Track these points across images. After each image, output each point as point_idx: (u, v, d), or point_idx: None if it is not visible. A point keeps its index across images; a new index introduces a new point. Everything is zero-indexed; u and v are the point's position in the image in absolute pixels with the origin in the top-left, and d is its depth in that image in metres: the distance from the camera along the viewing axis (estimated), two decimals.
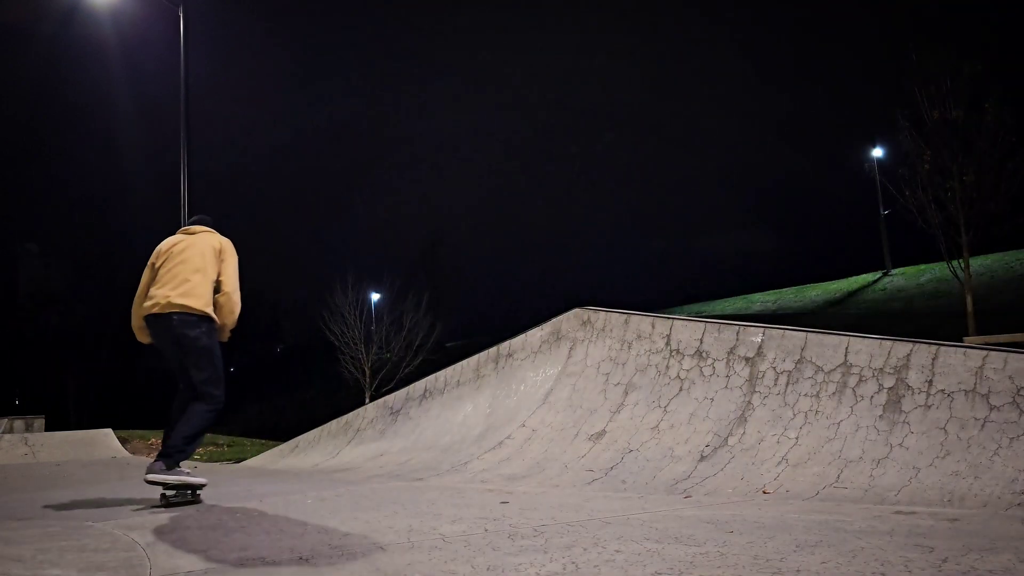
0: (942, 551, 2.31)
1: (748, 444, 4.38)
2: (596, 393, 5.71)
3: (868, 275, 35.28)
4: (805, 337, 4.62)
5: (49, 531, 3.25)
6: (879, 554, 2.30)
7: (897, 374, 4.04)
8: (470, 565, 2.35)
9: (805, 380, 4.46)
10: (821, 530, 2.72)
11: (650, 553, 2.42)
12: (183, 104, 13.21)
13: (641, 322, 5.80)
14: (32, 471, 7.97)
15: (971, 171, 17.85)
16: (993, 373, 3.66)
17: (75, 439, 11.14)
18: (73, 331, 39.98)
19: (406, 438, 7.24)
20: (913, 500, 3.38)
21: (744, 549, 2.44)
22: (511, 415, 6.23)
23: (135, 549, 2.78)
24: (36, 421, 17.07)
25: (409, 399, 7.88)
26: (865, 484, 3.65)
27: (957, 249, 18.63)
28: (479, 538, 2.78)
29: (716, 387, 4.92)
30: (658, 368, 5.42)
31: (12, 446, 10.22)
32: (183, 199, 13.02)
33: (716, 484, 4.12)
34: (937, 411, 3.76)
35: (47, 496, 5.07)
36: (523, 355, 6.83)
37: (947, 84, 18.31)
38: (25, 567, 2.48)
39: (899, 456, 3.72)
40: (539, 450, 5.45)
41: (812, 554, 2.33)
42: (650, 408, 5.19)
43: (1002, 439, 3.45)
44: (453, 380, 7.47)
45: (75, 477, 7.08)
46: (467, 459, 5.79)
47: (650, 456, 4.74)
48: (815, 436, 4.14)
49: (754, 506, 3.45)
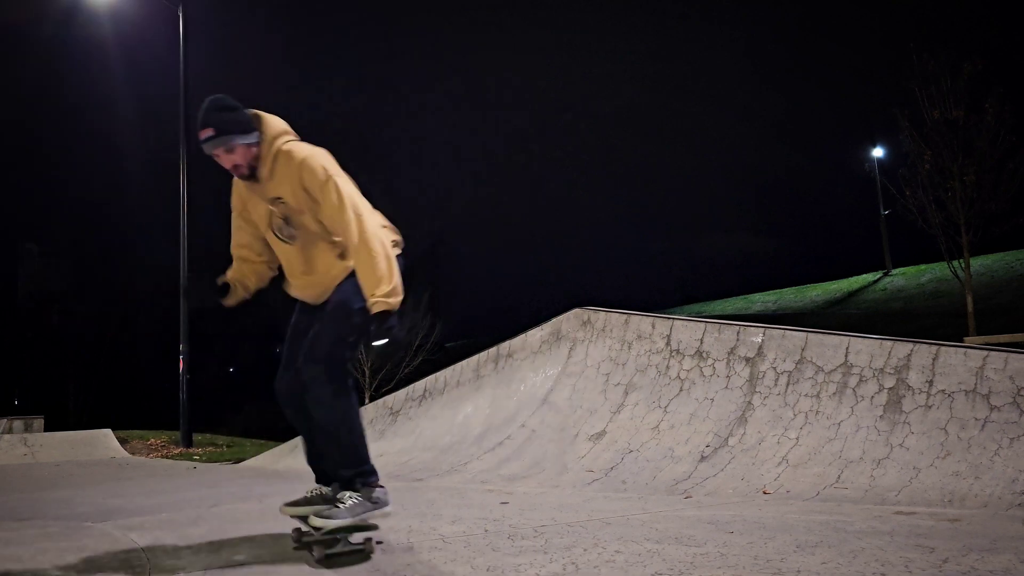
0: (942, 551, 2.30)
1: (748, 444, 4.38)
2: (596, 393, 5.70)
3: (868, 275, 35.29)
4: (805, 337, 4.62)
5: (49, 531, 3.25)
6: (879, 554, 2.29)
7: (897, 374, 4.03)
8: (470, 565, 2.34)
9: (805, 380, 4.46)
10: (821, 530, 2.71)
11: (650, 553, 2.42)
12: (183, 104, 13.21)
13: (641, 322, 5.80)
14: (32, 471, 7.97)
15: (971, 171, 17.84)
16: (993, 373, 3.66)
17: (75, 439, 11.15)
18: (73, 331, 39.95)
19: (406, 438, 7.23)
20: (913, 500, 3.38)
21: (744, 549, 2.43)
22: (511, 415, 6.23)
23: (135, 549, 2.78)
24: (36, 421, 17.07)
25: (409, 399, 7.88)
26: (865, 484, 3.64)
27: (957, 249, 18.62)
28: (479, 538, 2.78)
29: (716, 387, 4.92)
30: (658, 368, 5.41)
31: (12, 446, 10.23)
32: (183, 199, 13.02)
33: (716, 484, 4.12)
34: (937, 411, 3.76)
35: (47, 496, 5.07)
36: (523, 355, 6.82)
37: (947, 84, 18.30)
38: (25, 567, 2.48)
39: (899, 456, 3.71)
40: (539, 450, 5.44)
41: (812, 554, 2.32)
42: (650, 408, 5.19)
43: (1002, 439, 3.45)
44: (453, 380, 7.46)
45: (75, 477, 7.08)
46: (467, 459, 5.79)
47: (650, 456, 4.74)
48: (815, 436, 4.14)
49: (754, 506, 3.45)
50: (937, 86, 18.44)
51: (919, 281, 31.26)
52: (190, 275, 4.18)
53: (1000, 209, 17.79)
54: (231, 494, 4.79)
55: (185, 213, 12.91)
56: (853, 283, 35.10)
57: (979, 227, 18.19)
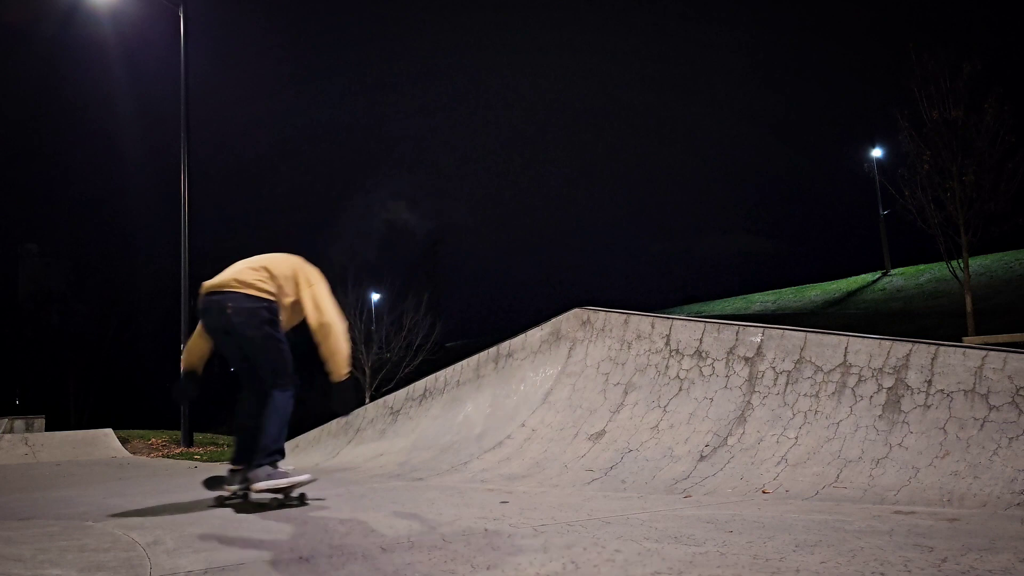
0: (941, 551, 2.31)
1: (747, 444, 4.39)
2: (596, 393, 5.71)
3: (867, 275, 35.33)
4: (804, 337, 4.62)
5: (49, 531, 3.25)
6: (878, 554, 2.30)
7: (896, 374, 4.04)
8: (470, 565, 2.35)
9: (804, 380, 4.46)
10: (820, 530, 2.72)
11: (650, 552, 2.42)
12: (183, 104, 13.21)
13: (641, 322, 5.80)
14: (32, 471, 7.97)
15: (970, 171, 17.87)
16: (992, 373, 3.67)
17: (75, 439, 11.15)
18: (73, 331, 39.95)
19: (406, 438, 7.24)
20: (912, 500, 3.39)
21: (744, 549, 2.44)
22: (511, 415, 6.24)
23: (135, 549, 2.78)
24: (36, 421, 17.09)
25: (409, 399, 7.89)
26: (864, 484, 3.65)
27: (956, 249, 18.65)
28: (479, 538, 2.79)
29: (715, 387, 4.93)
30: (658, 368, 5.42)
31: (12, 446, 10.23)
32: (183, 199, 13.02)
33: (716, 484, 4.13)
34: (936, 411, 3.77)
35: (47, 496, 5.08)
36: (523, 355, 6.83)
37: (947, 84, 18.33)
38: (25, 567, 2.49)
39: (898, 456, 3.72)
40: (539, 450, 5.45)
41: (811, 554, 2.33)
42: (650, 408, 5.20)
43: (1001, 439, 3.45)
44: (453, 380, 7.47)
45: (76, 477, 7.09)
46: (467, 459, 5.80)
47: (650, 456, 4.74)
48: (814, 436, 4.15)
49: (753, 506, 3.46)
50: (936, 86, 18.47)
51: (918, 281, 31.30)
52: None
53: (999, 209, 17.83)
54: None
55: (186, 213, 12.91)
56: (852, 283, 35.14)
57: (978, 227, 18.22)
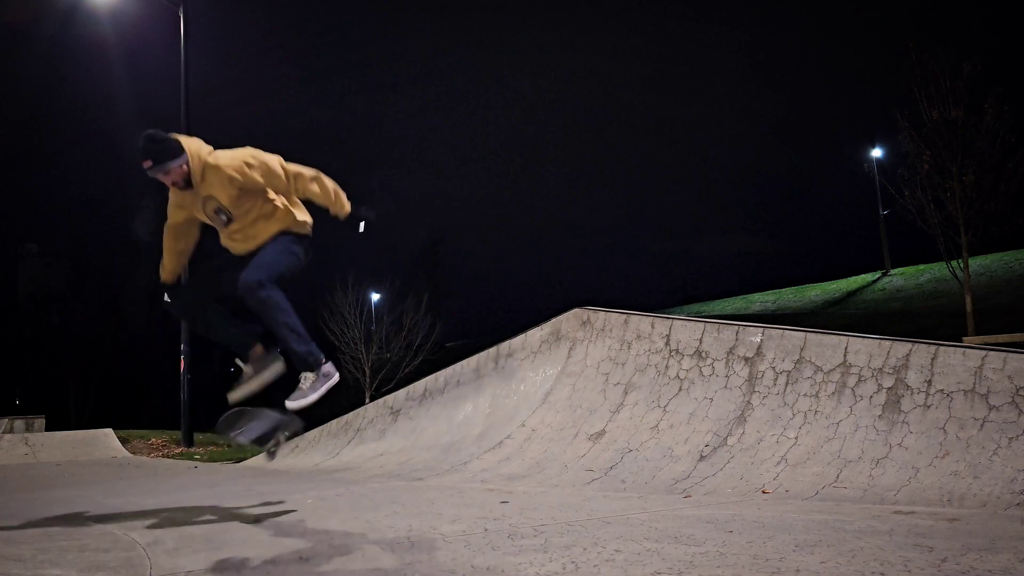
0: (941, 551, 2.31)
1: (747, 444, 4.39)
2: (596, 393, 5.71)
3: (867, 275, 35.33)
4: (804, 337, 4.62)
5: (49, 531, 3.25)
6: (878, 554, 2.30)
7: (896, 374, 4.04)
8: (470, 565, 2.35)
9: (804, 380, 4.46)
10: (820, 530, 2.72)
11: (650, 553, 2.43)
12: (183, 104, 13.21)
13: (641, 322, 5.80)
14: (32, 471, 7.97)
15: (970, 171, 17.87)
16: (992, 373, 3.67)
17: (75, 439, 11.15)
18: (73, 331, 39.93)
19: (406, 438, 7.24)
20: (912, 500, 3.39)
21: (743, 549, 2.44)
22: (511, 415, 6.24)
23: (135, 549, 2.79)
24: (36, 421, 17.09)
25: (409, 399, 7.88)
26: (864, 484, 3.65)
27: (956, 249, 18.64)
28: (479, 538, 2.79)
29: (715, 387, 4.93)
30: (657, 368, 5.42)
31: (12, 446, 10.23)
32: None
33: (715, 484, 4.13)
34: (936, 411, 3.77)
35: (47, 496, 5.08)
36: (523, 355, 6.83)
37: (947, 84, 18.33)
38: (25, 567, 2.49)
39: (898, 456, 3.72)
40: (539, 450, 5.45)
41: (811, 554, 2.33)
42: (649, 408, 5.20)
43: (1001, 439, 3.45)
44: (453, 380, 7.47)
45: (76, 477, 7.09)
46: (467, 459, 5.80)
47: (649, 456, 4.75)
48: (814, 436, 4.15)
49: (753, 506, 3.46)
50: (936, 86, 18.47)
51: (918, 281, 31.30)
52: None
53: (999, 209, 17.83)
54: (232, 493, 4.80)
55: None
56: (852, 283, 35.14)
57: (978, 227, 18.22)
